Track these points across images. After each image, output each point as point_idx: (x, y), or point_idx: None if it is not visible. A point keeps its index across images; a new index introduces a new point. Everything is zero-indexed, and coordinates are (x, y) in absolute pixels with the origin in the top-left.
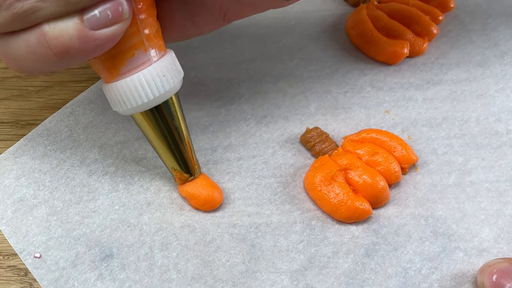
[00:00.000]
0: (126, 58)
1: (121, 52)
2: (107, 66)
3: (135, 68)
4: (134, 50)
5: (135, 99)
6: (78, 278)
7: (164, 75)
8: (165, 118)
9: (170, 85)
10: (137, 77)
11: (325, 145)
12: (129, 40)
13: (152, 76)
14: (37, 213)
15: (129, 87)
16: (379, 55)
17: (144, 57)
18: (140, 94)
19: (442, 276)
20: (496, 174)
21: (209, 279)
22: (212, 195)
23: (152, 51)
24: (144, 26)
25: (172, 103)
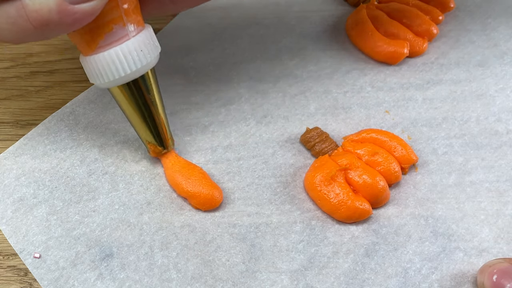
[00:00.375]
0: (104, 32)
1: (99, 26)
2: (85, 39)
3: (113, 42)
4: (113, 25)
5: (113, 72)
6: (78, 277)
7: (141, 50)
8: (141, 92)
9: (147, 59)
10: (114, 51)
11: (325, 145)
12: (108, 14)
13: (129, 51)
14: (37, 213)
15: (106, 60)
16: (379, 55)
17: (122, 32)
18: (117, 68)
19: (442, 276)
20: (496, 174)
21: (209, 278)
22: (212, 195)
23: (130, 26)
24: (122, 1)
25: (149, 77)
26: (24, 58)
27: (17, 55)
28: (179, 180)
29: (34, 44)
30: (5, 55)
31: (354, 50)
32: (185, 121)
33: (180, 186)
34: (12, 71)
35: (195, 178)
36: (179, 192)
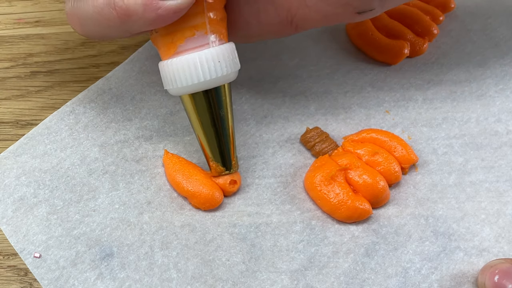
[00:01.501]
0: (185, 36)
1: (181, 30)
2: (166, 41)
3: (192, 48)
4: (195, 30)
5: (186, 78)
6: (78, 277)
7: (219, 61)
8: (212, 105)
9: (223, 71)
10: (192, 56)
11: (325, 145)
12: (192, 19)
13: (206, 59)
14: (37, 212)
15: (182, 65)
16: (379, 55)
17: (203, 40)
18: (192, 74)
19: (442, 276)
20: (496, 174)
21: (209, 278)
22: (212, 195)
23: (212, 36)
24: (209, 9)
25: (223, 92)
26: (24, 58)
27: (17, 55)
28: (179, 179)
29: (34, 44)
30: (5, 55)
31: (354, 50)
32: (185, 121)
33: (180, 185)
34: (12, 71)
35: (195, 177)
36: (180, 192)
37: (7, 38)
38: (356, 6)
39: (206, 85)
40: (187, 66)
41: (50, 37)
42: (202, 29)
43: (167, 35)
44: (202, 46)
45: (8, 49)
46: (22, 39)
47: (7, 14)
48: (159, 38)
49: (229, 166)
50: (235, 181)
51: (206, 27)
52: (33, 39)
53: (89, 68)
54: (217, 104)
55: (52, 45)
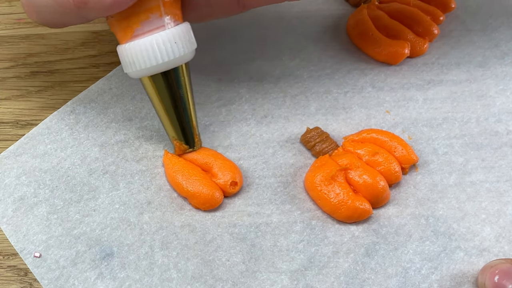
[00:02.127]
0: (141, 20)
1: (136, 14)
2: (122, 26)
3: (148, 31)
4: (150, 14)
5: (145, 61)
6: (78, 277)
7: (175, 42)
8: (171, 85)
9: (180, 52)
10: (149, 39)
11: (326, 145)
12: (146, 2)
13: (163, 41)
14: (37, 212)
15: (140, 48)
16: (379, 55)
17: (158, 22)
18: (149, 56)
19: (442, 276)
20: (496, 174)
21: (209, 278)
22: (213, 195)
23: (167, 18)
24: None
25: (181, 72)
26: (24, 58)
27: (17, 55)
28: (179, 179)
29: (34, 44)
30: (5, 55)
31: (354, 50)
32: None
33: (181, 185)
34: (12, 71)
35: (195, 177)
36: (180, 192)
37: (7, 38)
38: None
39: (164, 67)
40: (145, 49)
41: (50, 37)
42: (157, 12)
43: (123, 19)
44: (158, 28)
45: (8, 49)
46: (22, 39)
47: (7, 14)
48: (115, 23)
49: (192, 143)
50: (236, 183)
51: (161, 9)
52: (33, 39)
53: (89, 68)
54: (176, 84)
55: (52, 45)
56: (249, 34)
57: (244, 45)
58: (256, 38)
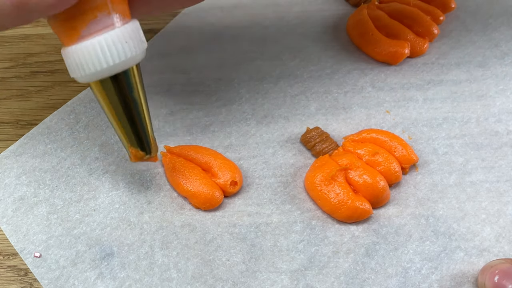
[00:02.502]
0: (88, 20)
1: (83, 13)
2: (67, 27)
3: (96, 32)
4: (97, 12)
5: (94, 64)
6: (78, 276)
7: (126, 42)
8: (123, 89)
9: (131, 52)
10: (98, 40)
11: (326, 145)
12: (92, 0)
13: (113, 41)
14: (37, 212)
15: (88, 50)
16: (379, 55)
17: (107, 21)
18: (99, 59)
19: (442, 276)
20: (496, 174)
21: (209, 278)
22: (213, 194)
23: (116, 16)
24: None
25: (133, 74)
26: (24, 58)
27: (17, 55)
28: (179, 179)
29: (34, 44)
30: (5, 55)
31: (354, 50)
32: (185, 121)
33: (181, 185)
34: (12, 71)
35: (195, 177)
36: (180, 192)
37: (7, 38)
38: None
39: (115, 69)
40: (93, 51)
41: (50, 37)
42: (105, 10)
43: (67, 20)
44: (106, 27)
45: (8, 49)
46: (22, 39)
47: None
48: (58, 24)
49: (148, 149)
50: (236, 182)
51: (109, 7)
52: (33, 39)
53: None
54: (128, 88)
55: (52, 45)
56: (249, 34)
57: (244, 45)
58: (256, 38)
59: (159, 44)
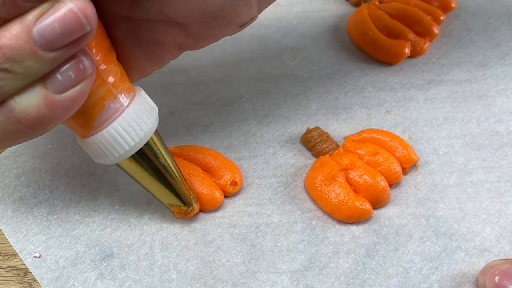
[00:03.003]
0: (97, 112)
1: (91, 107)
2: (79, 123)
3: (108, 119)
4: (104, 102)
5: (116, 149)
6: (78, 277)
7: (140, 118)
8: (150, 159)
9: (147, 126)
10: (112, 127)
11: (326, 145)
12: (96, 93)
13: (128, 123)
14: (37, 212)
15: (107, 139)
16: (380, 55)
17: (115, 106)
18: (120, 143)
19: (443, 277)
20: (497, 174)
21: (209, 279)
22: (213, 195)
23: (122, 97)
24: (107, 75)
25: (154, 142)
26: None
27: None
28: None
29: None
30: None
31: (355, 50)
32: (186, 120)
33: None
34: None
35: (195, 178)
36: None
37: None
38: (239, 22)
39: (138, 145)
40: (112, 139)
41: None
42: (110, 97)
43: (78, 117)
44: (116, 111)
45: None
46: None
47: None
48: (71, 121)
49: (190, 203)
50: (236, 182)
51: (113, 93)
52: None
53: None
54: (154, 156)
55: None
56: (249, 34)
57: (245, 45)
58: (256, 38)
59: None
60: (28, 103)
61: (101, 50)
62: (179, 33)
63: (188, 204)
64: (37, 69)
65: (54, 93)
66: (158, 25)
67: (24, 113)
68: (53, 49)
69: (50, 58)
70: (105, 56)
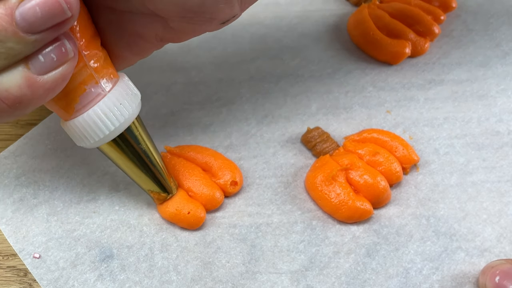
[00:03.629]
0: (78, 95)
1: (72, 90)
2: (61, 105)
3: (89, 103)
4: (85, 86)
5: (96, 133)
6: (78, 278)
7: (120, 103)
8: (131, 143)
9: (128, 111)
10: (93, 111)
11: (326, 145)
12: (78, 76)
13: (108, 107)
14: (37, 213)
15: (87, 122)
16: (380, 55)
17: (96, 90)
18: (100, 127)
19: (443, 277)
20: (497, 174)
21: (208, 280)
22: (213, 195)
23: (103, 82)
24: (90, 59)
25: (135, 127)
26: None
27: None
28: (179, 180)
29: None
30: None
31: (355, 50)
32: (186, 120)
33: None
34: None
35: (195, 178)
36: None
37: None
38: (220, 19)
39: (117, 131)
40: (93, 122)
41: None
42: (91, 81)
43: (60, 99)
44: (98, 96)
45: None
46: None
47: None
48: (52, 103)
49: (169, 189)
50: (236, 182)
51: (94, 77)
52: None
53: None
54: (134, 141)
55: None
56: (249, 34)
57: (245, 44)
58: (257, 37)
59: None
60: (10, 82)
61: (85, 36)
62: (160, 27)
63: (168, 191)
64: (19, 50)
65: (36, 74)
66: (140, 17)
67: (6, 91)
68: (35, 32)
69: (31, 40)
70: (88, 41)
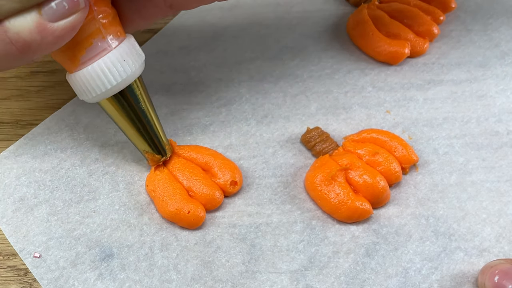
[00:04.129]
0: (84, 48)
1: (79, 42)
2: (67, 56)
3: (95, 56)
4: (92, 39)
5: (98, 86)
6: (78, 277)
7: (124, 60)
8: (130, 102)
9: (131, 69)
10: (97, 64)
11: (326, 145)
12: (86, 29)
13: (112, 62)
14: (37, 213)
15: (91, 75)
16: (380, 55)
17: (102, 45)
18: (102, 81)
19: (442, 276)
20: (496, 174)
21: (208, 280)
22: (213, 195)
23: (110, 37)
24: (99, 14)
25: (137, 86)
26: None
27: None
28: (179, 180)
29: None
30: None
31: (355, 50)
32: (185, 120)
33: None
34: (12, 71)
35: (195, 177)
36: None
37: None
38: None
39: (119, 87)
40: (96, 75)
41: None
42: (98, 35)
43: (66, 50)
44: (103, 50)
45: None
46: None
47: None
48: (59, 54)
49: (163, 152)
50: (236, 182)
51: (102, 32)
52: None
53: None
54: (134, 100)
55: None
56: (249, 34)
57: (245, 44)
58: (256, 37)
59: (159, 43)
60: (21, 26)
61: None
62: None
63: (162, 153)
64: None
65: (47, 21)
66: None
67: (17, 35)
68: None
69: None
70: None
